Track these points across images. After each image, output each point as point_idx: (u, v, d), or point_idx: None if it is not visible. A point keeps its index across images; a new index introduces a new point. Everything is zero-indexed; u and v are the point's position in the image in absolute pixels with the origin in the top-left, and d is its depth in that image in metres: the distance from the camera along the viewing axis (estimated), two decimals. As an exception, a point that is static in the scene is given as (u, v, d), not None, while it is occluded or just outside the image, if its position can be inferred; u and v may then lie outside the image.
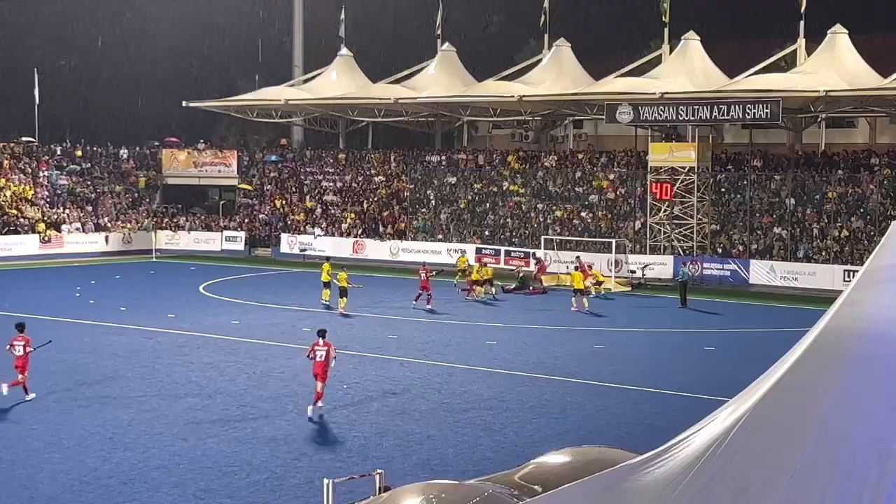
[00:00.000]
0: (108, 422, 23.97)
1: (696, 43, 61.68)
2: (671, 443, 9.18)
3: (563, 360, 32.69)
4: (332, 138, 78.51)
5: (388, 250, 63.20)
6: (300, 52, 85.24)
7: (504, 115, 68.41)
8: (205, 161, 74.01)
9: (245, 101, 73.10)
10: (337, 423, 24.16)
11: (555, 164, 64.77)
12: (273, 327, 37.85)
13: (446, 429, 23.68)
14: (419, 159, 70.14)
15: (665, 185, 56.12)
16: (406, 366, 31.19)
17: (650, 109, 55.32)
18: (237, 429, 23.50)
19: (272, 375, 29.51)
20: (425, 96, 66.19)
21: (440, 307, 43.30)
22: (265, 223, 69.55)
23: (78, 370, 30.02)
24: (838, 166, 56.58)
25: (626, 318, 42.50)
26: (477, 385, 28.45)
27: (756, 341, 35.65)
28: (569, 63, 66.74)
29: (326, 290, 43.74)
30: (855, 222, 53.34)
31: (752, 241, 55.05)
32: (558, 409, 25.86)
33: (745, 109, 52.85)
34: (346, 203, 69.06)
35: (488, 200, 64.30)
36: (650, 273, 52.28)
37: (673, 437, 9.37)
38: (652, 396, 27.40)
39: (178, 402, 26.08)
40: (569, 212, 60.77)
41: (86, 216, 67.24)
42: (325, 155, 74.91)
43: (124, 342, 34.55)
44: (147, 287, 50.49)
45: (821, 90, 52.86)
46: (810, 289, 49.16)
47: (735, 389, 9.74)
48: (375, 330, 37.86)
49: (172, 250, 66.36)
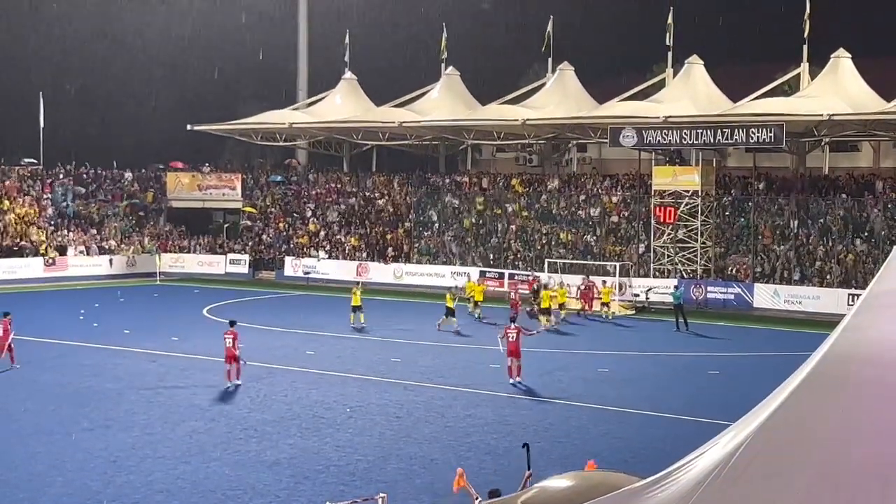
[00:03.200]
0: (111, 445, 23.96)
1: (700, 67, 61.84)
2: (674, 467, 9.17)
3: (567, 383, 32.65)
4: (337, 161, 78.66)
5: (392, 273, 63.20)
6: (304, 75, 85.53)
7: (508, 139, 68.51)
8: (209, 184, 74.12)
9: (249, 124, 73.22)
10: (340, 446, 24.12)
11: (558, 186, 64.84)
12: (276, 350, 37.82)
13: (450, 452, 23.63)
14: (423, 182, 70.23)
15: (669, 208, 56.14)
16: (409, 389, 31.15)
17: (654, 133, 55.37)
18: (240, 452, 23.48)
19: (275, 398, 29.48)
20: (429, 120, 66.28)
21: (446, 332, 43.24)
22: (269, 246, 69.60)
23: (81, 393, 30.03)
24: (842, 190, 56.61)
25: (630, 341, 42.47)
26: (480, 408, 28.42)
27: (760, 365, 35.59)
28: (572, 87, 66.87)
29: (356, 314, 44.41)
30: (859, 246, 53.33)
31: (756, 265, 55.03)
32: (562, 432, 25.82)
33: (749, 133, 52.84)
34: (349, 226, 69.12)
35: (492, 223, 64.32)
36: (654, 296, 52.26)
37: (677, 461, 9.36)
38: (656, 420, 27.36)
39: (181, 425, 26.07)
40: (573, 235, 60.81)
41: (90, 239, 67.32)
42: (329, 178, 75.02)
43: (128, 365, 34.55)
44: (151, 310, 50.51)
45: (824, 114, 52.84)
46: (815, 312, 49.05)
47: (739, 413, 9.73)
48: (378, 353, 37.82)
49: (176, 273, 66.39)
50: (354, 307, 44.42)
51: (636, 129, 55.66)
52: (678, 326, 44.95)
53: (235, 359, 31.07)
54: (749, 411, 9.25)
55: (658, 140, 55.37)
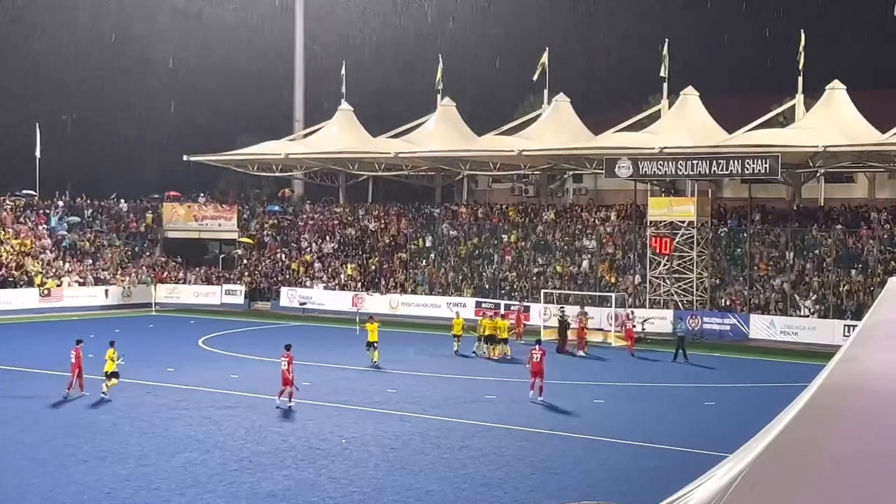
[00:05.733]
0: (105, 477, 23.84)
1: (695, 98, 62.07)
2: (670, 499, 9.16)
3: (564, 414, 32.57)
4: (333, 192, 78.74)
5: (388, 304, 63.13)
6: (301, 106, 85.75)
7: (504, 170, 68.59)
8: (205, 215, 74.19)
9: (246, 155, 73.32)
10: (335, 477, 24.03)
11: (554, 217, 64.91)
12: (272, 381, 37.64)
13: (445, 484, 23.54)
14: (419, 213, 70.28)
15: (665, 239, 56.23)
16: (405, 420, 31.06)
17: (649, 164, 55.44)
18: (235, 484, 23.37)
19: (270, 429, 29.39)
20: (425, 151, 66.42)
21: (440, 361, 43.15)
22: (265, 276, 69.54)
23: (76, 424, 29.94)
24: (838, 221, 56.70)
25: (626, 372, 42.43)
26: (476, 440, 28.33)
27: (756, 396, 35.51)
28: (568, 117, 67.09)
29: (370, 350, 42.17)
30: (855, 277, 53.37)
31: (752, 296, 55.04)
32: (558, 464, 25.74)
33: (745, 164, 52.91)
34: (346, 256, 69.11)
35: (488, 254, 64.33)
36: (650, 327, 52.18)
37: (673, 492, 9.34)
38: (652, 451, 27.28)
39: (175, 456, 25.95)
40: (568, 265, 60.82)
41: (85, 270, 67.24)
42: (325, 208, 75.09)
43: (123, 396, 34.41)
44: (146, 341, 50.34)
45: (819, 145, 53.01)
46: (811, 343, 49.08)
47: (735, 445, 9.72)
48: (374, 384, 37.74)
49: (172, 304, 66.31)
50: (370, 343, 42.04)
51: (632, 160, 55.74)
52: (676, 357, 44.81)
53: (289, 382, 32.20)
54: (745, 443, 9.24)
55: (654, 171, 55.44)
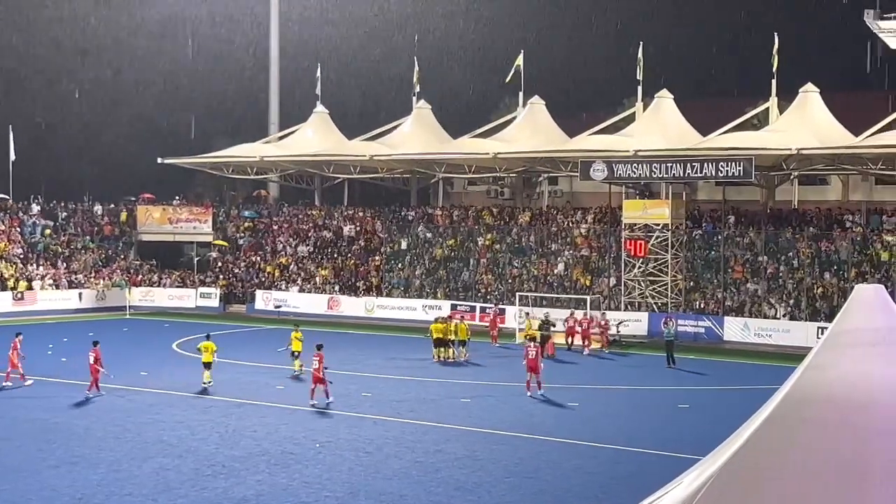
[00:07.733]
0: (77, 482, 23.70)
1: (670, 101, 62.28)
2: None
3: (539, 417, 32.58)
4: (308, 194, 78.60)
5: (364, 307, 63.02)
6: (276, 108, 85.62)
7: (479, 172, 68.58)
8: (180, 217, 73.89)
9: (220, 157, 73.07)
10: (309, 482, 23.94)
11: (529, 220, 64.95)
12: (246, 385, 37.60)
13: (419, 488, 23.50)
14: (395, 215, 70.22)
15: (639, 241, 56.34)
16: (379, 424, 31.00)
17: (624, 167, 55.53)
18: (208, 489, 23.26)
19: (244, 434, 29.27)
20: (400, 153, 66.36)
21: (417, 366, 43.11)
22: (240, 279, 69.32)
23: (48, 429, 29.74)
24: (811, 223, 56.96)
25: (601, 375, 42.46)
26: (451, 444, 28.29)
27: (730, 399, 35.58)
28: (543, 120, 67.18)
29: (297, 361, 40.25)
30: (829, 279, 53.61)
31: (725, 298, 55.21)
32: (533, 467, 25.72)
33: (718, 167, 53.04)
34: (321, 259, 68.96)
35: (463, 257, 64.29)
36: (625, 330, 52.24)
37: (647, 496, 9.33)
38: (627, 455, 27.31)
39: (148, 461, 25.81)
40: (543, 268, 60.86)
41: (59, 273, 66.86)
42: (301, 211, 74.94)
43: (96, 401, 34.25)
44: (120, 344, 49.94)
45: (793, 148, 53.23)
46: (784, 346, 49.28)
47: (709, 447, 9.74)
48: (349, 387, 37.62)
49: (146, 307, 66.01)
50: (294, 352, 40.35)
51: (607, 163, 55.83)
52: (669, 362, 44.25)
53: (321, 380, 33.08)
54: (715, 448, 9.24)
55: (628, 174, 55.54)
